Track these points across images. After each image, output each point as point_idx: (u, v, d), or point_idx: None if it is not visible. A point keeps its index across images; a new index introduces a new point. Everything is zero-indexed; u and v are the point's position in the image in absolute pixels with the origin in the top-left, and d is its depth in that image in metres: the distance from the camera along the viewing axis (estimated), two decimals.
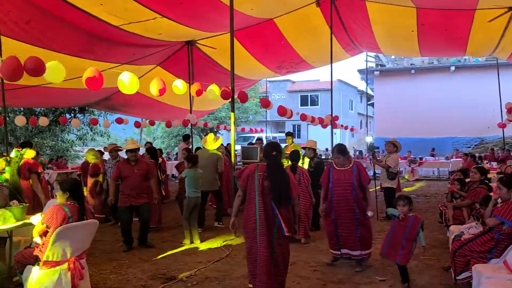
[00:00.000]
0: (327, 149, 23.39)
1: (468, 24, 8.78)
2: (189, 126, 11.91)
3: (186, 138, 11.04)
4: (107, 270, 5.22)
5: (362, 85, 33.13)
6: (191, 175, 6.48)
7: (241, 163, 9.77)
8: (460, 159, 15.01)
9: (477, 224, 5.03)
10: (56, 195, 4.09)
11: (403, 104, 21.73)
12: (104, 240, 6.60)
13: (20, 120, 10.85)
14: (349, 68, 72.30)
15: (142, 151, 9.48)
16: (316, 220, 7.26)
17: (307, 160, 7.46)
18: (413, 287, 4.56)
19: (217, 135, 10.34)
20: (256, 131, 23.29)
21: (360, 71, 25.08)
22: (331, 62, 9.54)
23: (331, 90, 9.84)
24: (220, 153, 7.93)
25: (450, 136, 21.57)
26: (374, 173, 9.88)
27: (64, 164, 14.49)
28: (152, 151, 8.15)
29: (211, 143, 7.79)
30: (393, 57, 23.28)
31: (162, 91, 6.67)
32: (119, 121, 13.86)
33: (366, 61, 19.53)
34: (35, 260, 3.75)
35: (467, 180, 6.59)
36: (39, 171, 5.95)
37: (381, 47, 11.45)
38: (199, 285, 4.66)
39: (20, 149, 5.89)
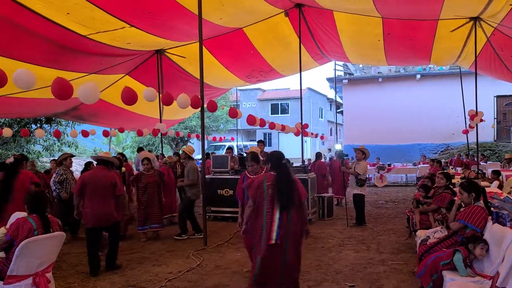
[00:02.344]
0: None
1: (431, 34, 9.15)
2: (159, 135, 11.81)
3: (140, 149, 11.84)
4: (75, 283, 5.09)
5: (331, 93, 33.77)
6: None
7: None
8: (427, 165, 15.48)
9: (442, 228, 5.22)
10: None
11: (371, 112, 22.26)
12: (71, 252, 6.43)
13: None
14: (319, 77, 73.60)
15: None
16: None
17: None
18: None
19: (189, 144, 10.31)
20: (224, 139, 23.31)
21: (329, 79, 25.54)
22: (300, 71, 9.72)
23: (301, 98, 10.01)
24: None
25: (417, 143, 22.22)
26: (344, 180, 10.07)
27: None
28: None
29: None
30: (361, 65, 23.85)
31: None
32: (85, 133, 13.58)
33: (335, 69, 19.91)
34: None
35: (434, 185, 6.80)
36: None
37: (348, 56, 11.75)
38: None
39: None
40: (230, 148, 12.01)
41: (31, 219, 3.77)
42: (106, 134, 14.70)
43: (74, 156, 8.01)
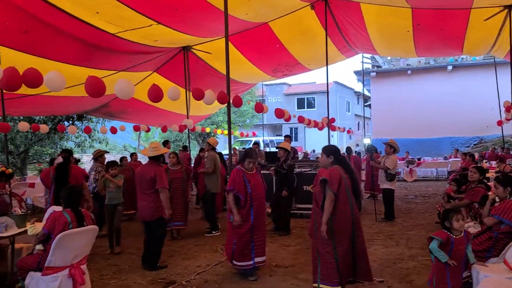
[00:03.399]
0: (314, 150, 23.44)
1: (464, 23, 8.85)
2: (186, 131, 11.95)
3: (166, 143, 11.87)
4: (108, 275, 5.25)
5: (358, 87, 33.28)
6: None
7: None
8: (458, 159, 15.06)
9: (475, 224, 5.08)
10: None
11: (400, 105, 21.79)
12: (104, 245, 6.62)
13: (23, 126, 10.88)
14: (345, 70, 72.54)
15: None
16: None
17: None
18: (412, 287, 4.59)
19: (210, 137, 10.36)
20: (254, 135, 23.31)
21: (356, 72, 25.17)
22: (327, 64, 9.61)
23: (327, 92, 9.90)
24: None
25: (448, 136, 21.63)
26: (372, 175, 9.93)
27: None
28: None
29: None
30: (389, 58, 23.38)
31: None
32: (113, 130, 13.88)
33: (362, 62, 19.58)
34: (37, 266, 3.79)
35: (467, 180, 6.60)
36: None
37: (376, 48, 11.53)
38: None
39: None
40: (256, 143, 12.03)
41: (66, 213, 3.91)
42: (137, 128, 15.01)
43: (108, 152, 8.21)
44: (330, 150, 4.35)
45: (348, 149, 11.35)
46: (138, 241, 6.91)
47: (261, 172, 8.72)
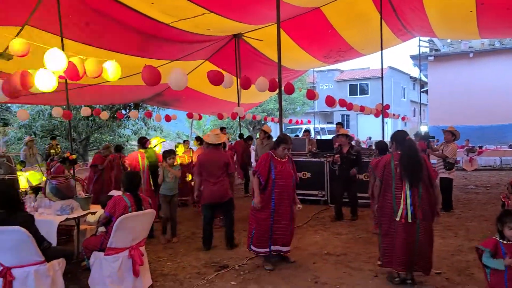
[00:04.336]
0: (369, 138, 22.79)
1: None
2: (237, 118, 12.08)
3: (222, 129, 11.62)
4: (164, 257, 5.48)
5: (415, 72, 31.82)
6: None
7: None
8: None
9: None
10: None
11: (461, 90, 20.58)
12: (158, 230, 6.87)
13: (85, 111, 11.58)
14: (401, 54, 69.59)
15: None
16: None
17: None
18: (473, 281, 4.39)
19: (264, 125, 10.40)
20: (302, 123, 23.12)
21: (412, 57, 24.06)
22: (382, 49, 9.26)
23: (382, 77, 9.57)
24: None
25: None
26: None
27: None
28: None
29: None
30: (448, 40, 22.08)
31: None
32: (168, 118, 14.33)
33: (419, 46, 18.68)
34: (100, 247, 4.03)
35: None
36: None
37: (435, 30, 10.94)
38: (251, 274, 4.77)
39: None
40: (307, 131, 11.92)
41: (126, 197, 4.12)
42: (190, 116, 15.42)
43: (165, 140, 8.53)
44: (392, 136, 4.49)
45: (415, 135, 10.89)
46: (191, 226, 7.18)
47: (313, 160, 8.72)
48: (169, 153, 6.28)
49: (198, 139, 9.09)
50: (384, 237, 4.27)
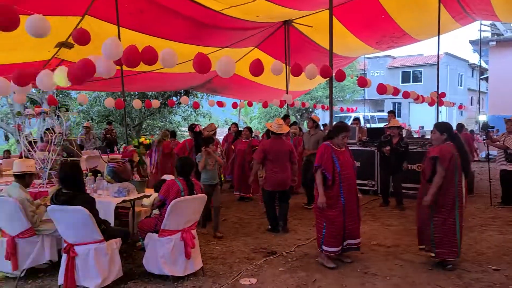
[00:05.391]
0: (422, 127, 21.89)
1: None
2: (285, 106, 12.02)
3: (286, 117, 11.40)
4: (213, 241, 5.61)
5: (473, 58, 30.11)
6: None
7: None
8: None
9: None
10: None
11: None
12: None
13: (137, 103, 12.00)
14: (458, 40, 65.91)
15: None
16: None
17: None
18: None
19: (313, 115, 10.24)
20: (352, 110, 22.60)
21: (472, 42, 22.70)
22: (439, 34, 8.81)
23: (438, 64, 9.13)
24: None
25: None
26: (488, 154, 9.05)
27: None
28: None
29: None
30: None
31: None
32: (220, 104, 14.55)
33: (480, 30, 17.51)
34: (154, 229, 4.20)
35: None
36: None
37: (498, 13, 10.22)
38: (299, 261, 4.78)
39: None
40: (357, 119, 11.64)
41: (179, 182, 4.25)
42: (235, 106, 15.59)
43: (218, 126, 8.67)
44: (444, 126, 4.36)
45: (459, 126, 10.48)
46: (238, 211, 7.31)
47: (363, 149, 8.55)
48: (210, 140, 6.06)
49: (249, 129, 9.14)
50: (441, 227, 4.30)
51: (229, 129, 10.84)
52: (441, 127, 4.37)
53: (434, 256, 4.40)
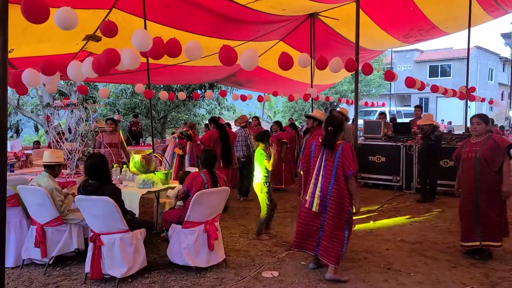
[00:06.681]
0: (450, 122, 21.35)
1: None
2: (310, 100, 11.93)
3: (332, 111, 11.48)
4: (236, 234, 5.65)
5: (505, 52, 29.08)
6: None
7: (362, 138, 9.50)
8: None
9: None
10: None
11: None
12: (231, 206, 7.09)
13: (163, 95, 12.13)
14: (489, 33, 63.72)
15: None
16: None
17: None
18: None
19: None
20: (377, 105, 22.17)
21: (504, 35, 21.97)
22: (469, 27, 8.57)
23: (468, 57, 8.88)
24: None
25: None
26: None
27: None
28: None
29: None
30: None
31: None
32: (243, 98, 14.54)
33: None
34: (178, 220, 4.26)
35: None
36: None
37: None
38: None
39: None
40: (382, 114, 11.45)
41: (203, 174, 4.29)
42: (260, 99, 15.55)
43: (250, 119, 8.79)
44: (487, 117, 4.47)
45: (490, 121, 10.20)
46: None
47: (388, 144, 8.44)
48: (268, 134, 5.53)
49: (278, 123, 9.13)
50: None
51: (250, 122, 10.80)
52: (486, 118, 4.44)
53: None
